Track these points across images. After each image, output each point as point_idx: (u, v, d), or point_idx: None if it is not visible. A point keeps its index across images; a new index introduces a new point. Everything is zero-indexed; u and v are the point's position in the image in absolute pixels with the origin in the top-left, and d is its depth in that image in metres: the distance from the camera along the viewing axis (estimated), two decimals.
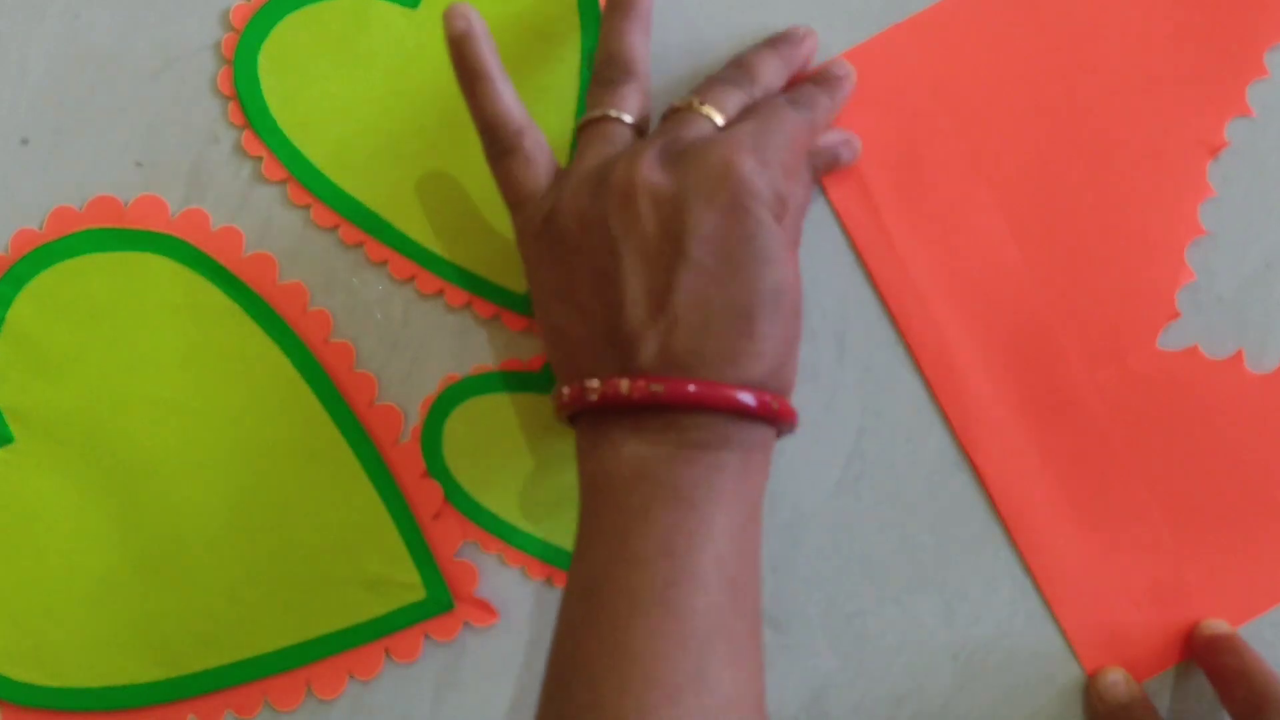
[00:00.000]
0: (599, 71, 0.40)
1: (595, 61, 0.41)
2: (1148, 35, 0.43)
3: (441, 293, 0.43)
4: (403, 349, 0.43)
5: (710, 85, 0.40)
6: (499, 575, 0.43)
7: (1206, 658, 0.42)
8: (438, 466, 0.43)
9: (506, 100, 0.38)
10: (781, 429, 0.37)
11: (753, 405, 0.35)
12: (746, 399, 0.35)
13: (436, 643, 0.43)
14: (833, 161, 0.42)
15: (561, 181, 0.38)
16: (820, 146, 0.41)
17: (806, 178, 0.41)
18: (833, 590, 0.43)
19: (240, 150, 0.43)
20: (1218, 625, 0.43)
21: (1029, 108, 0.43)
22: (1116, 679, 0.42)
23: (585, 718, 0.33)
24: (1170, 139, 0.43)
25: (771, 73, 0.41)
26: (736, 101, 0.39)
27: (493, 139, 0.39)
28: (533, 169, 0.38)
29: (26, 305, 0.42)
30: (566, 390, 0.37)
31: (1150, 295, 0.43)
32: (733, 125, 0.38)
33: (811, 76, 0.42)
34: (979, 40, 0.43)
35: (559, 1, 0.43)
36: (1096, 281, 0.43)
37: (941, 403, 0.43)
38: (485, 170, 0.42)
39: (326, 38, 0.43)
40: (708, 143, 0.37)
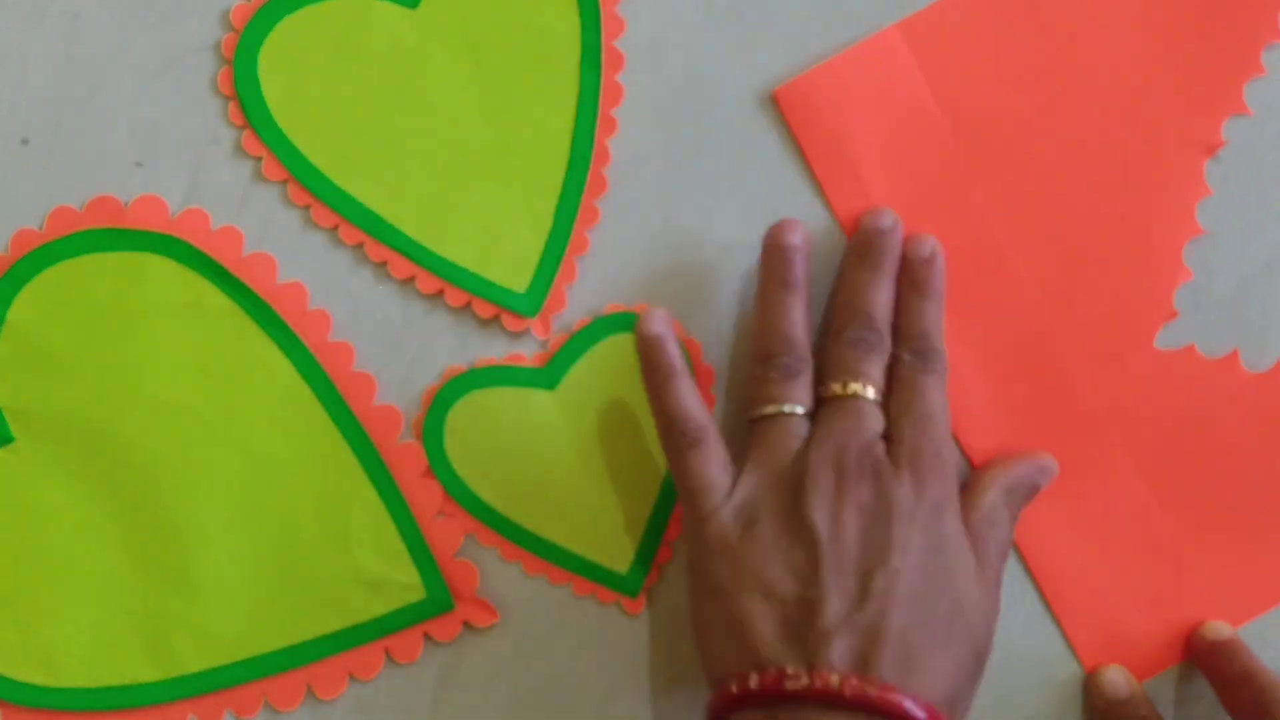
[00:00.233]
0: (767, 351, 0.41)
1: (761, 335, 0.41)
2: (1145, 34, 0.43)
3: (441, 293, 0.43)
4: (403, 349, 0.43)
5: (844, 355, 0.40)
6: (499, 575, 0.43)
7: (1208, 662, 0.42)
8: (438, 457, 0.43)
9: (691, 398, 0.40)
10: None
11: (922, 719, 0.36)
12: (918, 713, 0.36)
13: (436, 643, 0.43)
14: (1032, 492, 0.42)
15: (751, 477, 0.40)
16: (1016, 481, 0.41)
17: (1007, 518, 0.41)
18: None
19: (240, 150, 0.43)
20: (1219, 628, 0.43)
21: (1026, 107, 0.43)
22: (1116, 676, 0.42)
23: None
24: (1168, 138, 0.43)
25: (885, 307, 0.41)
26: (877, 366, 0.40)
27: (679, 432, 0.40)
28: (714, 463, 0.40)
29: (26, 305, 0.42)
30: (756, 679, 0.37)
31: (1148, 295, 0.43)
32: (887, 399, 0.40)
33: (909, 282, 0.42)
34: (976, 40, 0.43)
35: (559, 1, 0.43)
36: (1094, 281, 0.43)
37: None
38: (485, 171, 0.43)
39: (326, 38, 0.43)
40: (909, 459, 0.39)
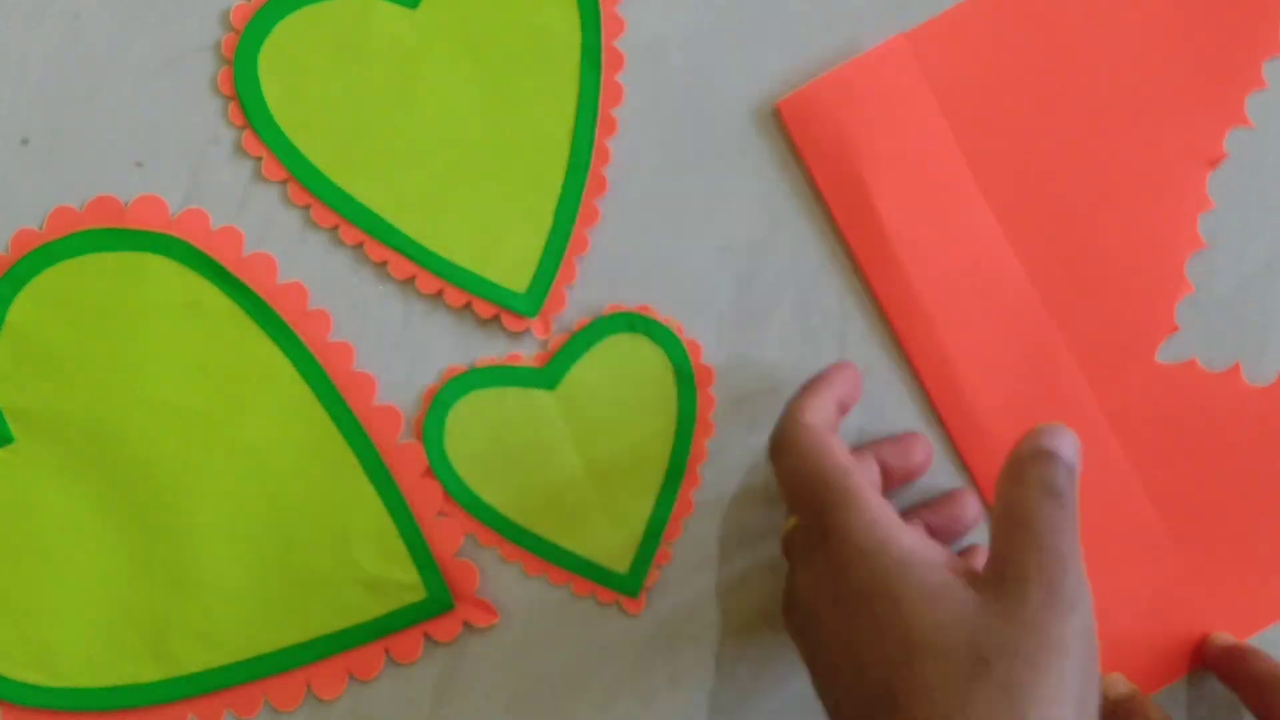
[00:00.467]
0: None
1: None
2: (1146, 47, 0.43)
3: (441, 293, 0.43)
4: (403, 349, 0.43)
5: None
6: (499, 575, 0.43)
7: (1228, 665, 0.42)
8: (438, 457, 0.43)
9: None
10: None
11: None
12: None
13: (436, 643, 0.43)
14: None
15: None
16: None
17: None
18: None
19: (240, 150, 0.43)
20: (1228, 637, 0.43)
21: (1029, 119, 0.43)
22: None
23: None
24: (1169, 151, 0.43)
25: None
26: None
27: None
28: None
29: (26, 305, 0.42)
30: None
31: (1150, 308, 0.43)
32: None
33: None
34: (981, 51, 0.43)
35: (559, 1, 0.43)
36: (1096, 293, 0.43)
37: (941, 414, 0.43)
38: (485, 171, 0.43)
39: (326, 38, 0.43)
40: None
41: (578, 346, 0.43)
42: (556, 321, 0.43)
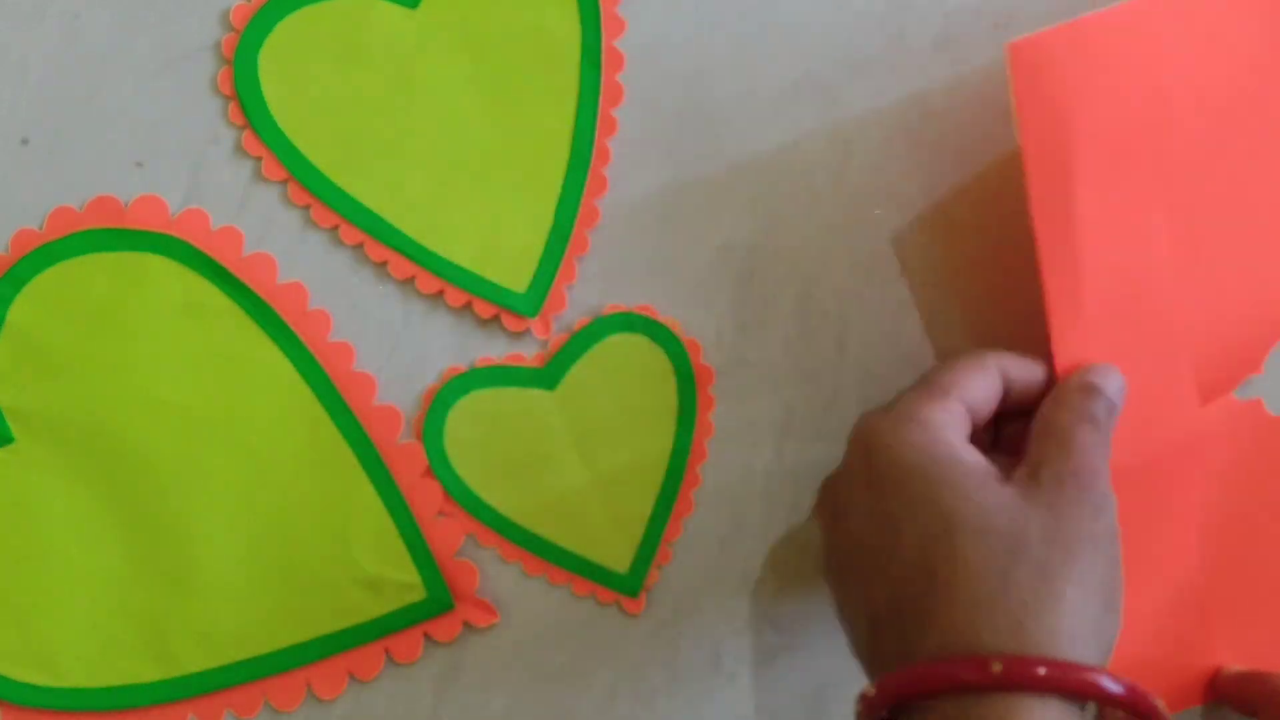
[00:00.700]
0: None
1: None
2: None
3: (441, 293, 0.43)
4: (403, 349, 0.43)
5: None
6: (499, 575, 0.43)
7: (1243, 688, 0.42)
8: (438, 457, 0.43)
9: None
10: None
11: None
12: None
13: (436, 643, 0.43)
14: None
15: None
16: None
17: None
18: None
19: (240, 150, 0.43)
20: (1240, 668, 0.43)
21: (1225, 120, 0.40)
22: None
23: None
24: None
25: None
26: None
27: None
28: None
29: (26, 305, 0.42)
30: (967, 667, 0.32)
31: (1249, 342, 0.42)
32: None
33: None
34: (1180, 43, 0.39)
35: (559, 1, 0.43)
36: (1220, 314, 0.41)
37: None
38: (485, 171, 0.43)
39: (326, 38, 0.43)
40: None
41: (578, 346, 0.43)
42: (556, 321, 0.43)
